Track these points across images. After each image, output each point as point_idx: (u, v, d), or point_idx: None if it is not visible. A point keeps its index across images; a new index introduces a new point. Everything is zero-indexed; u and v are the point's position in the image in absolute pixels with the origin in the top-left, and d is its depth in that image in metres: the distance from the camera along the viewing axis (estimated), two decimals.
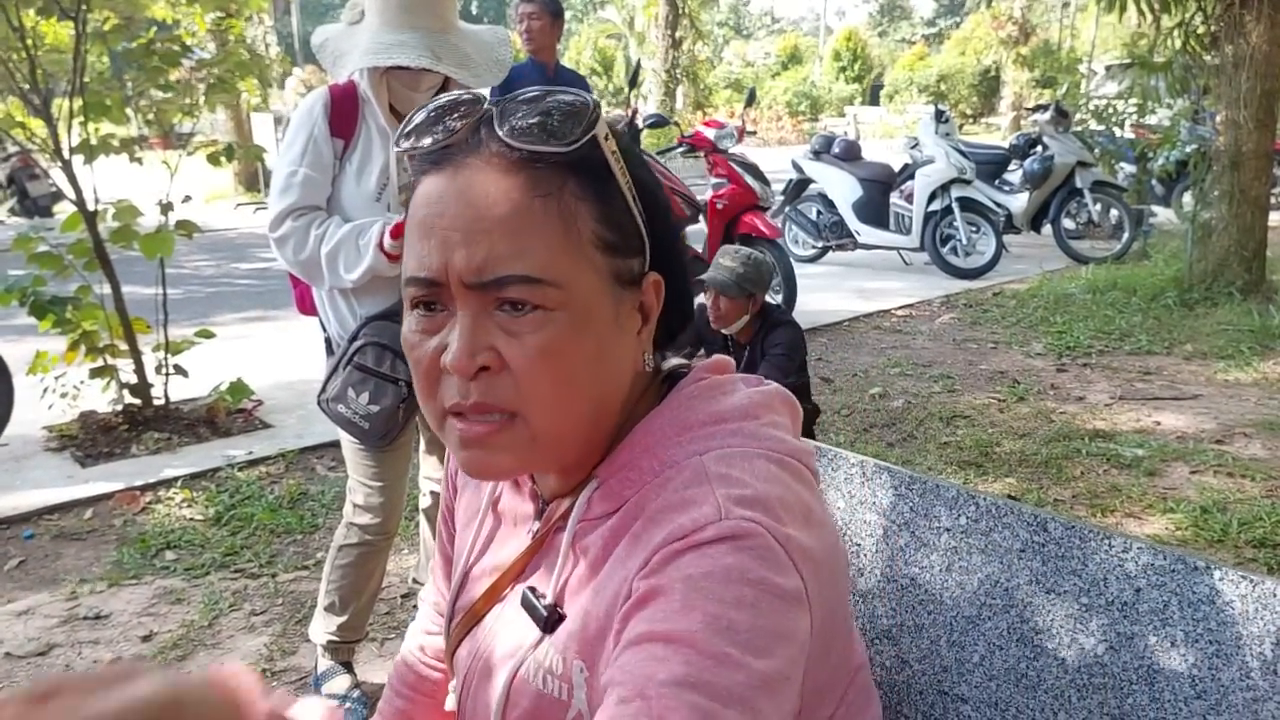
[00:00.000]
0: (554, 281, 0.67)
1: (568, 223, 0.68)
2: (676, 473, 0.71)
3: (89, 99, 3.72)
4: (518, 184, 0.67)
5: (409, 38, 1.90)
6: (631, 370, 0.77)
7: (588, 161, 0.69)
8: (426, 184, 0.70)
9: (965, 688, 1.00)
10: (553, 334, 0.67)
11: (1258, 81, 5.95)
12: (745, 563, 0.63)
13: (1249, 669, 0.82)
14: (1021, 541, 0.97)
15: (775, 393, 0.81)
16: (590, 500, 0.76)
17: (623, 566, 0.70)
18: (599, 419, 0.75)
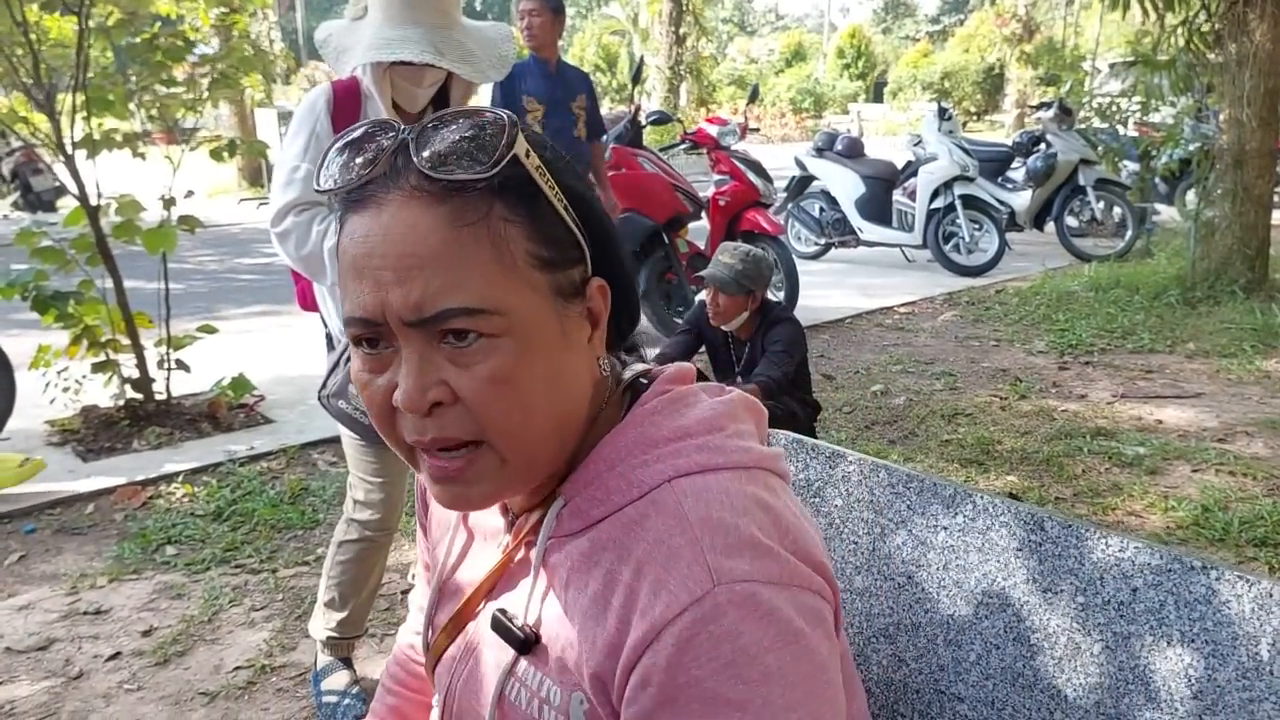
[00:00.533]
0: (494, 309, 0.66)
1: (499, 247, 0.67)
2: (649, 504, 0.71)
3: (92, 94, 3.73)
4: (443, 215, 0.65)
5: (412, 33, 1.90)
6: (589, 380, 0.76)
7: (512, 181, 0.67)
8: (352, 223, 0.68)
9: (962, 687, 1.00)
10: (500, 361, 0.67)
11: (1261, 80, 5.94)
12: (757, 631, 0.64)
13: (1245, 669, 0.82)
14: (1018, 540, 0.97)
15: (738, 400, 0.81)
16: (559, 517, 0.75)
17: (614, 615, 0.69)
18: (564, 433, 0.74)
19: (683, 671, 0.64)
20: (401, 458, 0.73)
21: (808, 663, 0.66)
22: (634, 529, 0.70)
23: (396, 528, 2.27)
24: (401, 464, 2.21)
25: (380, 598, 2.65)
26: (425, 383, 0.66)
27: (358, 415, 2.04)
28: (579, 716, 0.71)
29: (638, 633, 0.66)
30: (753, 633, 0.64)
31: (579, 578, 0.72)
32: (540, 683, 0.74)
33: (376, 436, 2.06)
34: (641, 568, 0.68)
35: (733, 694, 0.63)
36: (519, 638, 0.74)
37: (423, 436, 0.68)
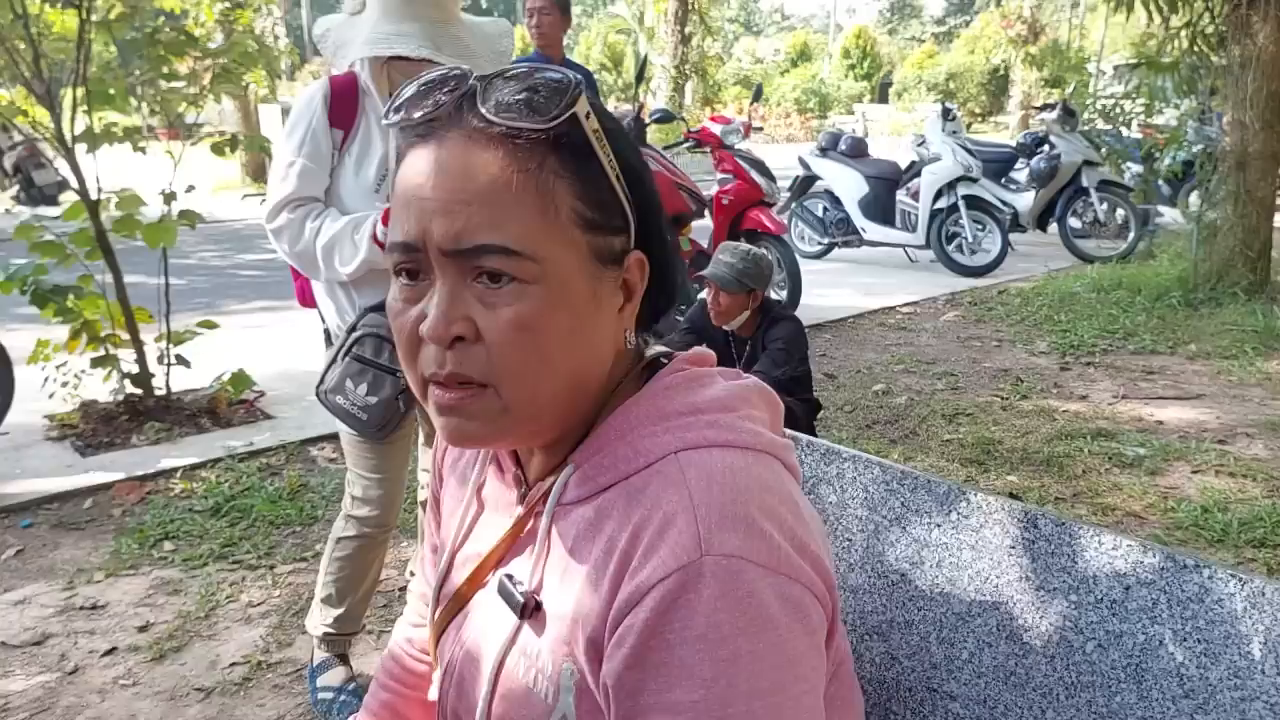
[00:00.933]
0: (530, 255, 0.68)
1: (546, 198, 0.69)
2: (654, 473, 0.72)
3: (93, 87, 3.72)
4: (497, 158, 0.68)
5: (410, 28, 1.89)
6: (612, 349, 0.77)
7: (568, 139, 0.69)
8: (410, 156, 0.71)
9: (954, 685, 1.00)
10: (527, 307, 0.68)
11: (1264, 82, 5.93)
12: (732, 612, 0.65)
13: (1237, 668, 0.82)
14: (1012, 538, 0.97)
15: (753, 386, 0.81)
16: (567, 485, 0.76)
17: (608, 581, 0.70)
18: (576, 395, 0.75)
19: (656, 635, 0.65)
20: (415, 393, 0.75)
21: (778, 654, 0.66)
22: (636, 497, 0.71)
23: (395, 525, 2.27)
24: (400, 460, 2.21)
25: (377, 594, 2.64)
26: (452, 315, 0.68)
27: (355, 411, 2.04)
28: (568, 687, 0.72)
29: (625, 593, 0.67)
30: (729, 612, 0.65)
31: (583, 545, 0.73)
32: (538, 652, 0.74)
33: (373, 433, 2.07)
34: (638, 533, 0.69)
35: (699, 668, 0.64)
36: (520, 602, 0.75)
37: (440, 369, 0.70)
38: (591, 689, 0.71)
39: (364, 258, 1.95)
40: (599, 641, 0.69)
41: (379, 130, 2.03)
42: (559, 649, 0.72)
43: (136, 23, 3.90)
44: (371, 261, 1.96)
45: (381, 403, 2.02)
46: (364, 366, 2.02)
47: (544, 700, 0.73)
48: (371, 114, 2.03)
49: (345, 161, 2.04)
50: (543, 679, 0.73)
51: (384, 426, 2.06)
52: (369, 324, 2.04)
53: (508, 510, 0.84)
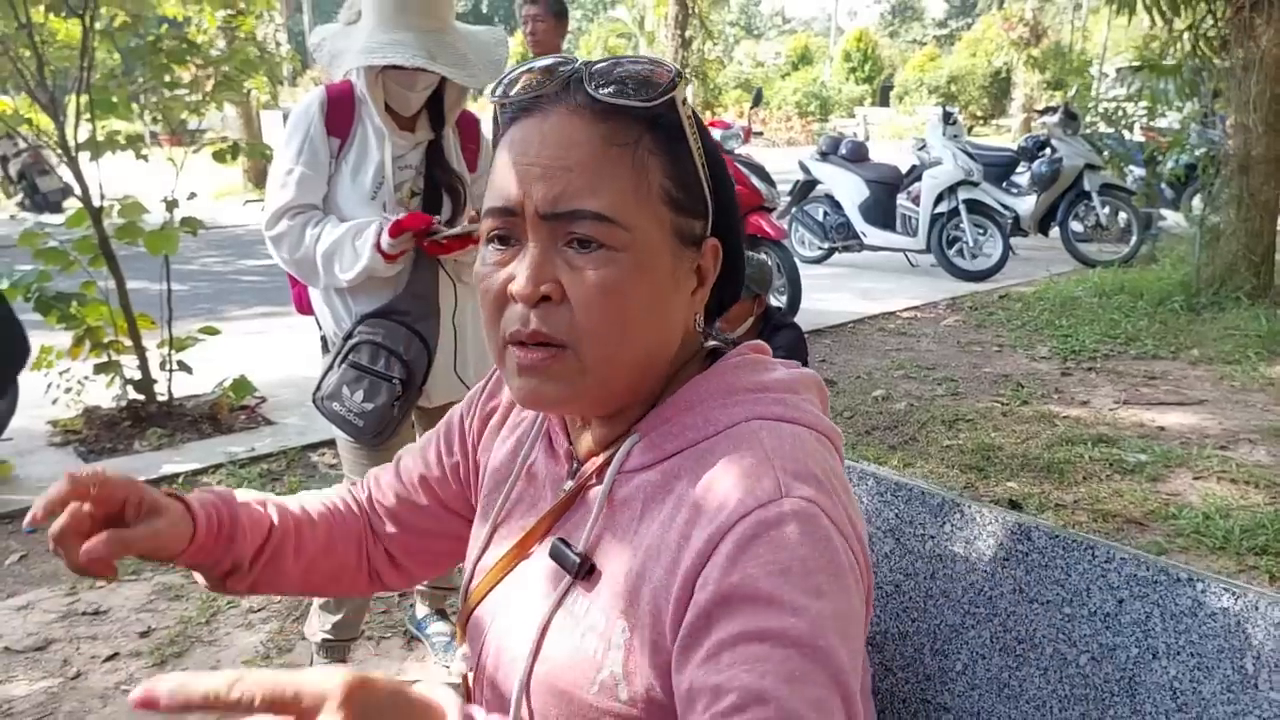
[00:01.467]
0: (622, 223, 0.72)
1: (639, 173, 0.73)
2: (726, 438, 0.75)
3: (96, 95, 3.74)
4: (598, 132, 0.73)
5: (405, 37, 1.90)
6: (682, 327, 0.80)
7: (664, 121, 0.75)
8: (514, 129, 0.76)
9: (948, 696, 1.00)
10: (613, 273, 0.72)
11: (1268, 85, 5.92)
12: (814, 550, 0.68)
13: (1230, 682, 0.82)
14: (1005, 550, 0.97)
15: (812, 376, 0.85)
16: (630, 452, 0.79)
17: (675, 531, 0.72)
18: (647, 367, 0.78)
19: (737, 569, 0.67)
20: (493, 356, 0.79)
21: (848, 600, 0.69)
22: (707, 458, 0.75)
23: None
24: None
25: (376, 600, 2.65)
26: (542, 275, 0.72)
27: (352, 418, 2.04)
28: (619, 643, 0.73)
29: (704, 536, 0.70)
30: (811, 549, 0.68)
31: (650, 507, 0.76)
32: (587, 610, 0.76)
33: (370, 439, 2.08)
34: (711, 485, 0.72)
35: (787, 597, 0.65)
36: (574, 562, 0.77)
37: (524, 328, 0.73)
38: (635, 650, 0.72)
39: (365, 265, 1.96)
40: (662, 592, 0.71)
41: (375, 138, 2.04)
42: (614, 605, 0.74)
43: (139, 31, 3.91)
44: (372, 269, 1.97)
45: (377, 409, 2.02)
46: (360, 373, 2.02)
47: (593, 657, 0.74)
48: (368, 122, 2.04)
49: (342, 169, 2.05)
50: (592, 636, 0.75)
51: (380, 433, 2.06)
52: (365, 331, 2.05)
53: (555, 486, 0.86)
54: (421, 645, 2.52)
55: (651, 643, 0.72)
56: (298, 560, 0.96)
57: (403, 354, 2.03)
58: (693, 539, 0.70)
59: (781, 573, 0.66)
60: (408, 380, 2.05)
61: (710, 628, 0.66)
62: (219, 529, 0.89)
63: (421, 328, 2.07)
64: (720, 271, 0.82)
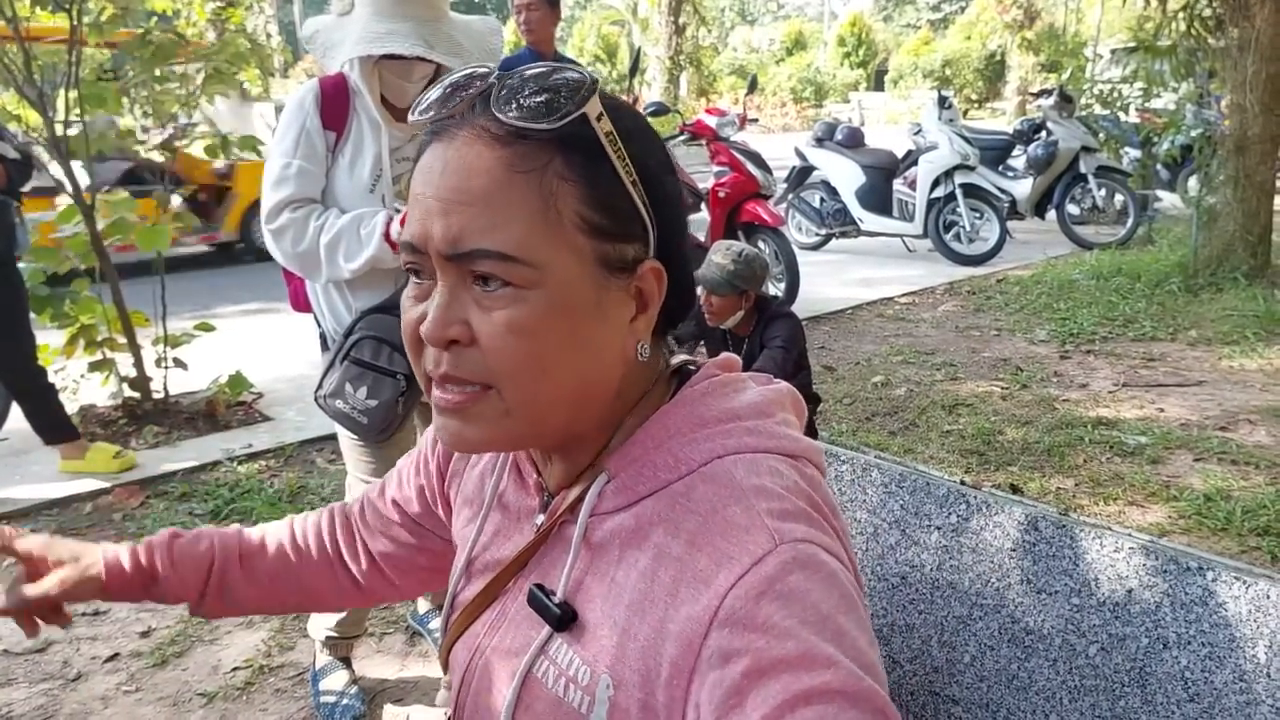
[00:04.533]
0: (527, 260, 0.66)
1: (548, 201, 0.67)
2: (702, 480, 0.71)
3: (85, 90, 3.71)
4: (501, 157, 0.67)
5: (400, 26, 1.89)
6: (621, 358, 0.74)
7: (577, 140, 0.68)
8: (425, 154, 0.71)
9: (956, 689, 0.99)
10: (522, 313, 0.67)
11: (1263, 65, 5.90)
12: (824, 591, 0.64)
13: (1243, 671, 0.81)
14: (1013, 540, 0.96)
15: (786, 391, 0.81)
16: (603, 493, 0.74)
17: (661, 588, 0.68)
18: (583, 404, 0.73)
19: (756, 634, 0.62)
20: (423, 389, 0.74)
21: (864, 627, 0.66)
22: (681, 502, 0.70)
23: None
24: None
25: None
26: (448, 318, 0.68)
27: (356, 415, 2.03)
28: (603, 700, 0.70)
29: (701, 604, 0.65)
30: (821, 593, 0.64)
31: (628, 554, 0.72)
32: (570, 661, 0.72)
33: (374, 436, 2.06)
34: (695, 539, 0.68)
35: (817, 650, 0.61)
36: (556, 614, 0.73)
37: (437, 369, 0.70)
38: (620, 706, 0.69)
39: (371, 254, 1.93)
40: (651, 654, 0.67)
41: (371, 130, 2.01)
42: (599, 659, 0.70)
43: (128, 24, 3.88)
44: (378, 259, 1.94)
45: (382, 405, 2.01)
46: (363, 370, 2.00)
47: (577, 710, 0.71)
48: (363, 114, 2.02)
49: (339, 162, 2.03)
50: (575, 689, 0.71)
51: (385, 429, 2.05)
52: (366, 326, 2.03)
53: (529, 518, 0.83)
54: (423, 640, 2.51)
55: (640, 702, 0.68)
56: (250, 587, 1.02)
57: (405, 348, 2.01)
58: (683, 601, 0.66)
59: (803, 625, 0.61)
60: (411, 375, 2.03)
61: (745, 703, 0.61)
62: (136, 571, 0.97)
63: None
64: (669, 289, 0.75)
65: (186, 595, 0.99)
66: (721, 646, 0.63)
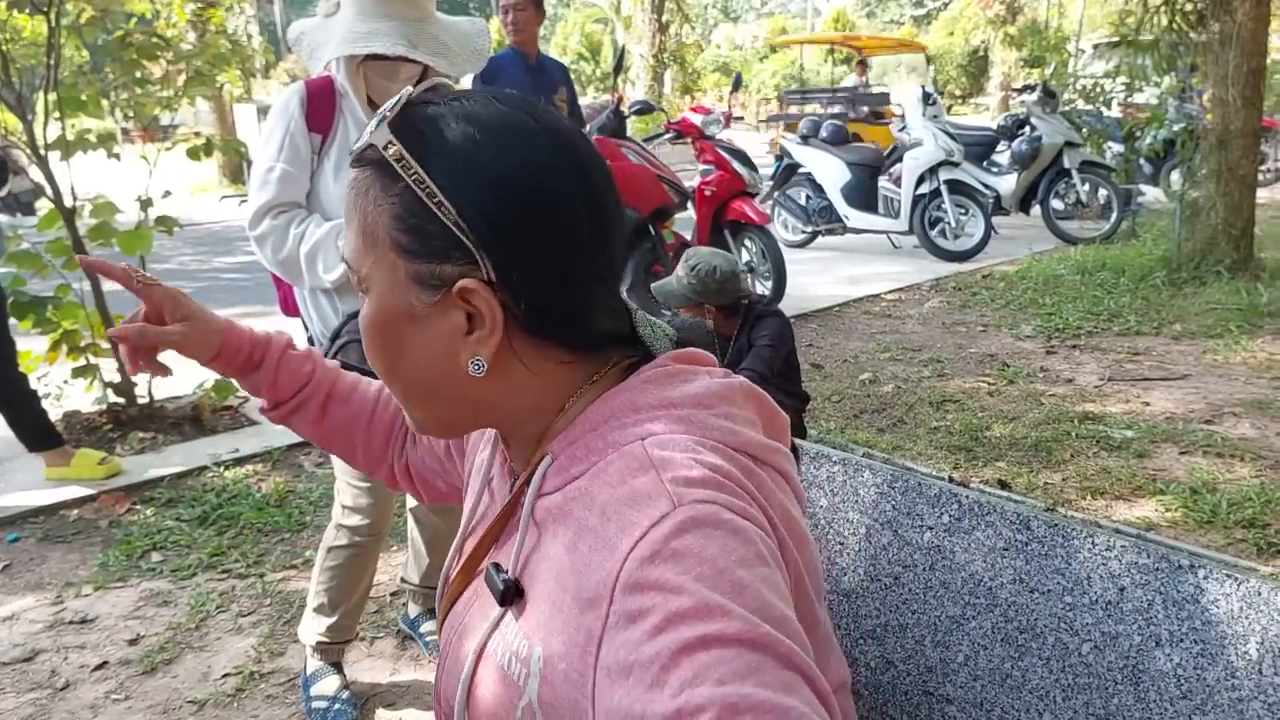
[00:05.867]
0: (356, 270, 0.78)
1: (367, 221, 0.75)
2: (620, 457, 0.73)
3: (64, 93, 3.67)
4: (354, 182, 0.77)
5: (385, 26, 1.88)
6: (456, 367, 0.75)
7: (386, 166, 0.74)
8: None
9: (950, 688, 0.99)
10: (365, 313, 0.78)
11: (1244, 59, 5.94)
12: (721, 547, 0.64)
13: (1234, 668, 0.81)
14: (1005, 540, 0.96)
15: (737, 385, 0.81)
16: (545, 475, 0.78)
17: (579, 558, 0.70)
18: (449, 399, 0.78)
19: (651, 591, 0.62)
20: None
21: (774, 589, 0.64)
22: (599, 476, 0.73)
23: (386, 532, 2.25)
24: None
25: (370, 600, 2.62)
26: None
27: None
28: (535, 672, 0.71)
29: (605, 569, 0.66)
30: (719, 546, 0.63)
31: (558, 530, 0.75)
32: (515, 635, 0.75)
33: None
34: (606, 509, 0.70)
35: (711, 601, 0.60)
36: (499, 590, 0.77)
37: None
38: (548, 679, 0.70)
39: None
40: (571, 622, 0.69)
41: (357, 132, 2.00)
42: (534, 631, 0.73)
43: (107, 26, 3.85)
44: None
45: None
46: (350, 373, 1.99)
47: (517, 683, 0.73)
48: (349, 116, 2.01)
49: (325, 165, 2.02)
50: (516, 662, 0.74)
51: None
52: (353, 330, 2.02)
53: (502, 502, 0.87)
54: (415, 644, 2.51)
55: (563, 673, 0.69)
56: (319, 424, 1.13)
57: None
58: (594, 568, 0.68)
59: (697, 581, 0.62)
60: None
61: (639, 652, 0.61)
62: (245, 357, 1.10)
63: None
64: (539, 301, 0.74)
65: (275, 396, 1.12)
66: (624, 609, 0.64)
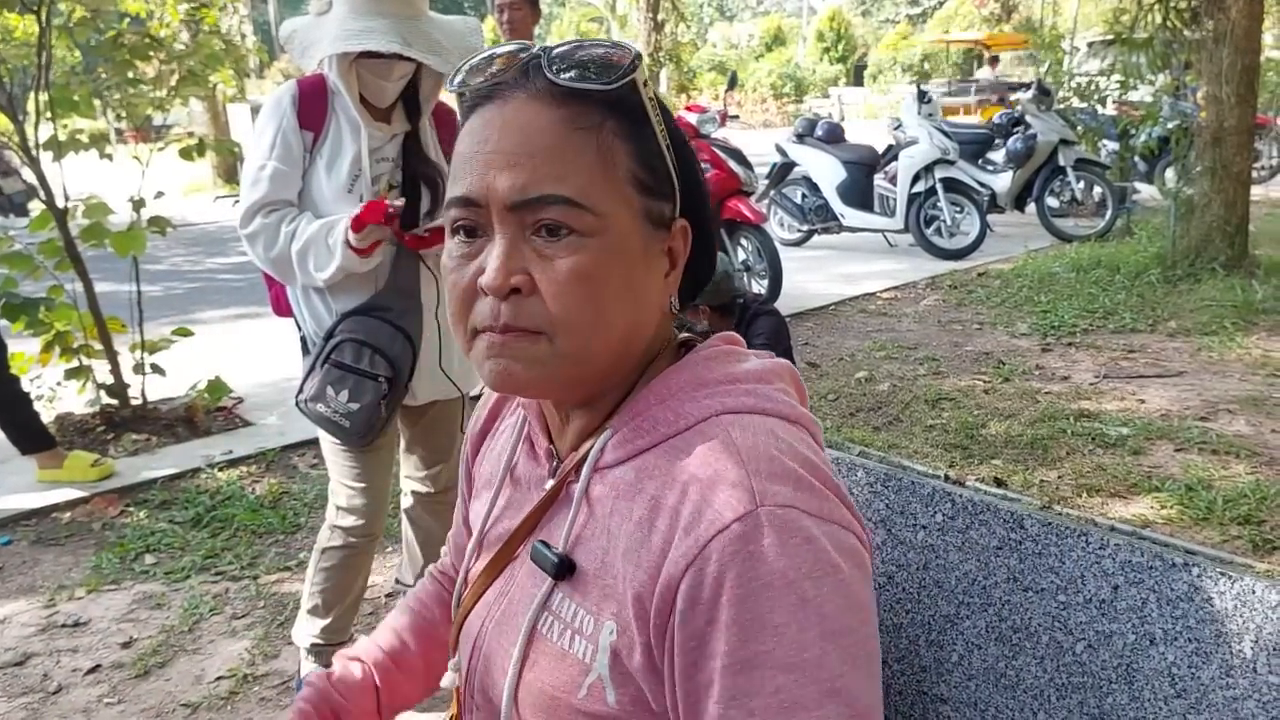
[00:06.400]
0: (592, 208, 0.71)
1: (605, 157, 0.72)
2: (697, 434, 0.74)
3: (56, 93, 3.66)
4: (561, 116, 0.72)
5: (378, 24, 1.89)
6: (658, 311, 0.79)
7: (626, 103, 0.74)
8: (474, 118, 0.75)
9: (944, 688, 0.98)
10: (584, 259, 0.71)
11: (1238, 56, 5.94)
12: (794, 559, 0.66)
13: (1229, 667, 0.81)
14: (998, 539, 0.95)
15: (784, 365, 0.84)
16: (605, 448, 0.78)
17: (658, 536, 0.71)
18: (623, 352, 0.77)
19: (722, 592, 0.66)
20: (461, 347, 0.77)
21: (843, 597, 0.68)
22: (679, 456, 0.73)
23: (380, 533, 2.24)
24: (383, 467, 2.18)
25: (365, 602, 2.61)
26: (511, 267, 0.71)
27: (338, 418, 2.01)
28: (606, 646, 0.72)
29: (681, 550, 0.68)
30: (791, 558, 0.66)
31: (623, 505, 0.75)
32: (574, 613, 0.75)
33: (357, 440, 2.05)
34: (687, 490, 0.70)
35: (769, 617, 0.65)
36: (554, 563, 0.76)
37: (495, 322, 0.72)
38: (622, 652, 0.71)
39: (339, 263, 1.92)
40: (645, 599, 0.70)
41: (350, 130, 2.00)
42: (602, 607, 0.73)
43: (99, 26, 3.84)
44: (347, 267, 1.93)
45: (364, 408, 1.99)
46: (344, 373, 1.99)
47: (581, 660, 0.74)
48: (341, 115, 2.01)
49: (317, 163, 2.02)
50: (580, 640, 0.74)
51: (367, 432, 2.03)
52: (347, 329, 2.01)
53: (538, 486, 0.85)
54: None
55: (643, 646, 0.71)
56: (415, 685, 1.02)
57: (387, 350, 2.00)
58: (671, 552, 0.69)
59: (763, 589, 0.65)
60: (393, 378, 2.02)
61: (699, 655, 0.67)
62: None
63: (405, 323, 2.04)
64: (692, 251, 0.81)
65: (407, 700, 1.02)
66: (694, 598, 0.67)
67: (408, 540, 2.47)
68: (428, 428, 2.30)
